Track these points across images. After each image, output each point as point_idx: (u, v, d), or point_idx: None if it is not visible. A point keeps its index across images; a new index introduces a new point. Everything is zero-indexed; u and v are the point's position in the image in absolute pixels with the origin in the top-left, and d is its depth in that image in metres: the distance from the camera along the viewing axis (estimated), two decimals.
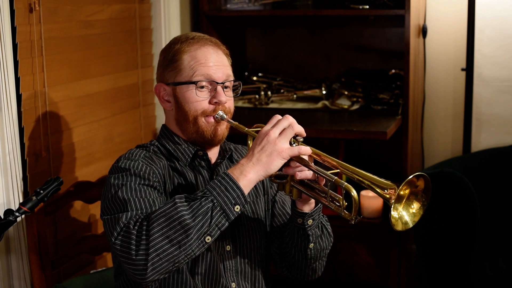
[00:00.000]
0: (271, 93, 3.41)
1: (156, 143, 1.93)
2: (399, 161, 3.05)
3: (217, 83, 1.86)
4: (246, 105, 3.39)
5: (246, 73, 3.58)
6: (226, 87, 1.89)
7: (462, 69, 3.21)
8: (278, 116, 1.74)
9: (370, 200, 3.04)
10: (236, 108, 3.33)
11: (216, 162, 1.94)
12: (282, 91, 3.49)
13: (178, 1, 3.13)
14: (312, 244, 1.87)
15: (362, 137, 2.87)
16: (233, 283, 1.85)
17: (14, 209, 1.97)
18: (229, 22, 3.50)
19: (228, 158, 1.97)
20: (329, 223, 1.95)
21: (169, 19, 3.06)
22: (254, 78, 3.57)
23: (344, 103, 3.27)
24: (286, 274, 2.00)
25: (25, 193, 2.30)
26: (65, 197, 2.30)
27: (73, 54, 2.54)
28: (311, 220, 1.83)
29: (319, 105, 3.29)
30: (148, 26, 3.02)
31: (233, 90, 1.94)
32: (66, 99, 2.50)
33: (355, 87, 3.37)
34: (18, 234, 2.24)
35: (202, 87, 1.85)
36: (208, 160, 1.91)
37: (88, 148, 2.63)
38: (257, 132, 1.87)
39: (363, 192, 3.06)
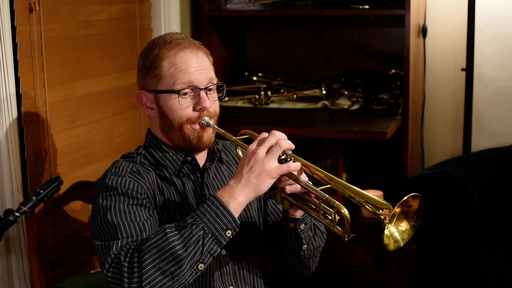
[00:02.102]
0: (271, 93, 3.41)
1: (143, 152, 1.88)
2: (399, 161, 3.05)
3: (200, 89, 1.82)
4: (246, 105, 3.39)
5: (246, 73, 3.58)
6: (209, 90, 1.84)
7: (462, 69, 3.21)
8: (265, 134, 1.71)
9: None
10: (236, 108, 3.36)
11: (205, 165, 1.91)
12: (282, 91, 3.49)
13: (178, 1, 3.13)
14: (305, 246, 1.87)
15: (362, 137, 2.87)
16: (231, 287, 1.85)
17: (14, 209, 1.97)
18: (229, 22, 3.50)
19: (218, 159, 1.95)
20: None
21: (169, 19, 3.06)
22: (254, 78, 3.57)
23: (344, 103, 3.27)
24: (280, 269, 2.00)
25: (25, 193, 2.30)
26: (65, 197, 2.30)
27: (73, 54, 2.54)
28: (303, 225, 1.83)
29: (319, 105, 3.29)
30: (148, 26, 3.02)
31: (219, 91, 1.90)
32: (66, 99, 2.50)
33: (355, 87, 3.37)
34: (18, 234, 2.24)
35: (185, 94, 1.81)
36: (197, 164, 1.88)
37: (88, 148, 2.63)
38: (244, 140, 1.85)
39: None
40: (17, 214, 1.95)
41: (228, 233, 1.63)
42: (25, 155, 2.30)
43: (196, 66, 1.82)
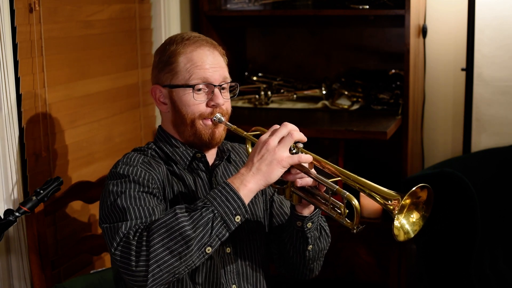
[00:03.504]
0: (271, 93, 3.41)
1: (154, 146, 1.91)
2: (399, 161, 3.05)
3: (214, 85, 1.84)
4: (246, 105, 3.39)
5: (246, 73, 3.58)
6: (223, 88, 1.87)
7: (462, 69, 3.21)
8: (277, 126, 1.73)
9: (371, 200, 3.02)
10: (236, 108, 3.36)
11: (214, 163, 1.93)
12: (282, 91, 3.49)
13: (178, 1, 3.13)
14: (311, 246, 1.87)
15: (362, 137, 2.87)
16: (234, 285, 1.85)
17: (14, 209, 1.97)
18: (229, 22, 3.50)
19: (226, 159, 1.96)
20: (327, 224, 1.95)
21: (169, 19, 3.06)
22: (254, 78, 3.57)
23: (344, 103, 3.27)
24: (283, 273, 2.01)
25: (25, 193, 2.30)
26: (65, 197, 2.30)
27: (73, 54, 2.54)
28: (310, 223, 1.83)
29: (319, 105, 3.29)
30: (148, 26, 3.02)
31: (231, 91, 1.93)
32: (66, 99, 2.50)
33: (355, 87, 3.37)
34: (18, 234, 2.24)
35: (199, 90, 1.84)
36: (206, 162, 1.90)
37: (88, 148, 2.63)
38: (255, 136, 1.86)
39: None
40: (17, 214, 1.95)
41: (237, 219, 1.64)
42: (25, 155, 2.30)
43: (212, 63, 1.85)
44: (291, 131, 1.70)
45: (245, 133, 1.87)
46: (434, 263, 2.74)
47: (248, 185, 1.65)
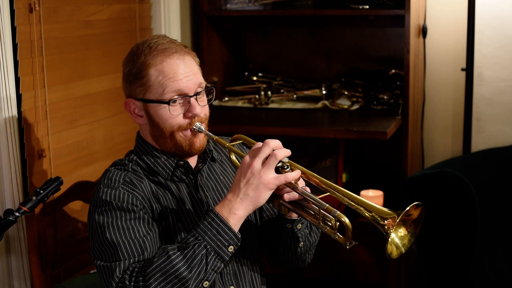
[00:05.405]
0: (271, 93, 3.41)
1: (135, 158, 1.86)
2: (399, 161, 3.05)
3: (190, 96, 1.79)
4: (246, 105, 3.39)
5: (246, 73, 3.58)
6: (199, 94, 1.82)
7: (462, 69, 3.21)
8: (259, 144, 1.69)
9: (370, 200, 3.02)
10: (236, 108, 3.36)
11: (197, 166, 1.90)
12: (282, 91, 3.49)
13: (178, 1, 3.13)
14: (302, 243, 1.87)
15: (362, 137, 2.87)
16: (232, 287, 1.85)
17: (14, 209, 1.97)
18: (229, 22, 3.50)
19: (210, 159, 1.93)
20: None
21: (169, 19, 3.06)
22: (254, 78, 3.57)
23: (344, 103, 3.27)
24: (277, 264, 2.01)
25: (25, 193, 2.30)
26: (65, 197, 2.30)
27: (73, 54, 2.54)
28: (300, 225, 1.83)
29: (319, 105, 3.29)
30: (148, 26, 3.02)
31: (209, 93, 1.87)
32: (66, 99, 2.50)
33: (355, 87, 3.37)
34: (18, 234, 2.24)
35: (175, 101, 1.78)
36: (189, 167, 1.86)
37: (88, 148, 2.63)
38: (238, 146, 1.84)
39: (363, 192, 3.06)
40: (17, 214, 1.95)
41: (231, 249, 1.63)
42: (25, 155, 2.30)
43: (184, 72, 1.78)
44: (274, 150, 1.66)
45: (227, 144, 1.84)
46: (434, 263, 2.74)
47: (238, 212, 1.64)
